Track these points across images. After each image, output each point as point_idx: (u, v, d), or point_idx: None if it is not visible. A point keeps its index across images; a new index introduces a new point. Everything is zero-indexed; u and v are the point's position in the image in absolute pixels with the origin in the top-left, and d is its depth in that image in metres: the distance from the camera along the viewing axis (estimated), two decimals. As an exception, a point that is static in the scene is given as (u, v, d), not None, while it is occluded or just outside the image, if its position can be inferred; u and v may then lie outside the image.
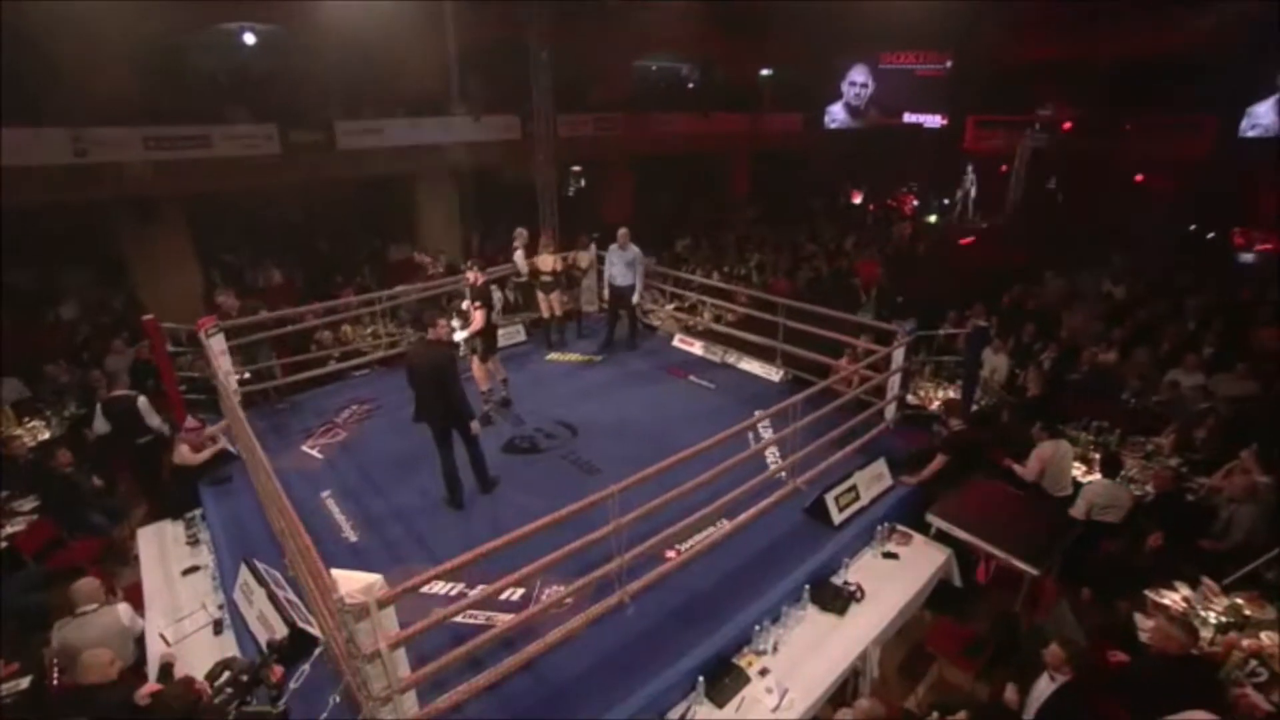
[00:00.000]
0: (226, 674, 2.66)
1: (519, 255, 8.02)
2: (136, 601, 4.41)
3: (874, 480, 5.07)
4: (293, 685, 2.87)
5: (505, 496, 5.12)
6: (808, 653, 3.78)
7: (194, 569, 4.65)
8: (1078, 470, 5.53)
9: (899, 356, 5.73)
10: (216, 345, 5.82)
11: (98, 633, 3.65)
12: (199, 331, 5.80)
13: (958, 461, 5.09)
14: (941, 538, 4.75)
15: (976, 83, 17.82)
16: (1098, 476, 5.18)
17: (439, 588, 4.13)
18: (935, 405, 6.54)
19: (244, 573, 3.96)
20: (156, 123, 9.44)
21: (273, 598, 3.67)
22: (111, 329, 8.94)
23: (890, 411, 5.89)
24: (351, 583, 2.50)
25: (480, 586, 3.29)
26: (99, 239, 10.30)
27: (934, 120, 19.75)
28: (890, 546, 4.67)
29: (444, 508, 4.97)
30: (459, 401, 4.75)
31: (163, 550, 4.84)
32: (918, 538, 4.76)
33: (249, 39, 11.31)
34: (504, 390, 6.58)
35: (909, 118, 20.05)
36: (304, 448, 5.95)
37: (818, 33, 17.65)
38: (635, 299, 7.70)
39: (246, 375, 6.52)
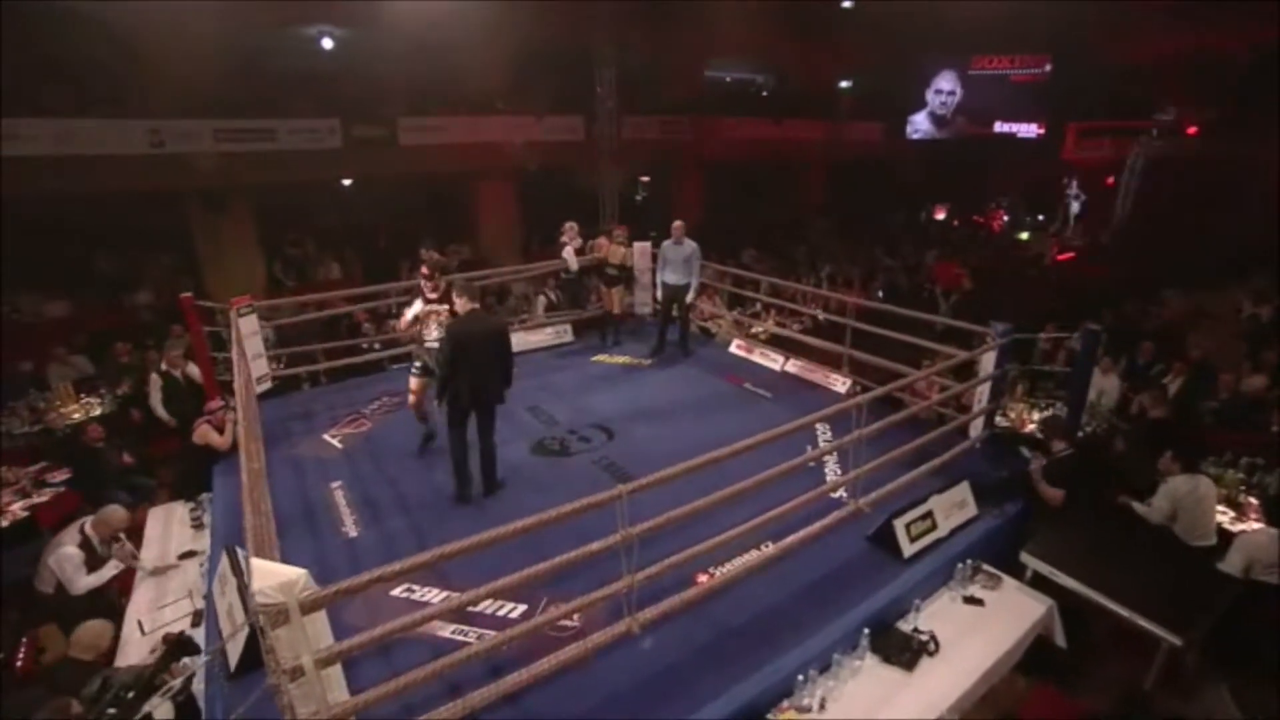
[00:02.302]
0: (108, 693, 2.16)
1: (569, 251, 7.60)
2: (129, 582, 4.19)
3: (955, 508, 4.20)
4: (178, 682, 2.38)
5: (524, 500, 4.58)
6: (865, 714, 3.03)
7: (191, 554, 4.40)
8: (1223, 515, 4.46)
9: (989, 362, 4.82)
10: (246, 326, 5.66)
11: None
12: (231, 310, 5.65)
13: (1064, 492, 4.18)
14: (1040, 584, 3.87)
15: (1080, 87, 16.27)
16: (1256, 524, 4.13)
17: (430, 596, 3.64)
18: (1030, 427, 5.58)
19: (223, 561, 3.58)
20: (225, 116, 9.76)
21: (242, 590, 3.25)
22: (173, 314, 9.16)
23: (977, 428, 4.97)
24: (270, 577, 1.99)
25: (470, 596, 2.73)
26: (174, 228, 10.73)
27: (1029, 130, 18.24)
28: (974, 590, 3.81)
29: (455, 507, 4.51)
30: (509, 371, 4.52)
31: (166, 532, 4.63)
32: (1009, 581, 3.89)
33: (327, 44, 11.61)
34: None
35: (1000, 127, 18.63)
36: (325, 436, 5.66)
37: (901, 37, 16.68)
38: (690, 298, 7.09)
39: (267, 366, 6.25)
